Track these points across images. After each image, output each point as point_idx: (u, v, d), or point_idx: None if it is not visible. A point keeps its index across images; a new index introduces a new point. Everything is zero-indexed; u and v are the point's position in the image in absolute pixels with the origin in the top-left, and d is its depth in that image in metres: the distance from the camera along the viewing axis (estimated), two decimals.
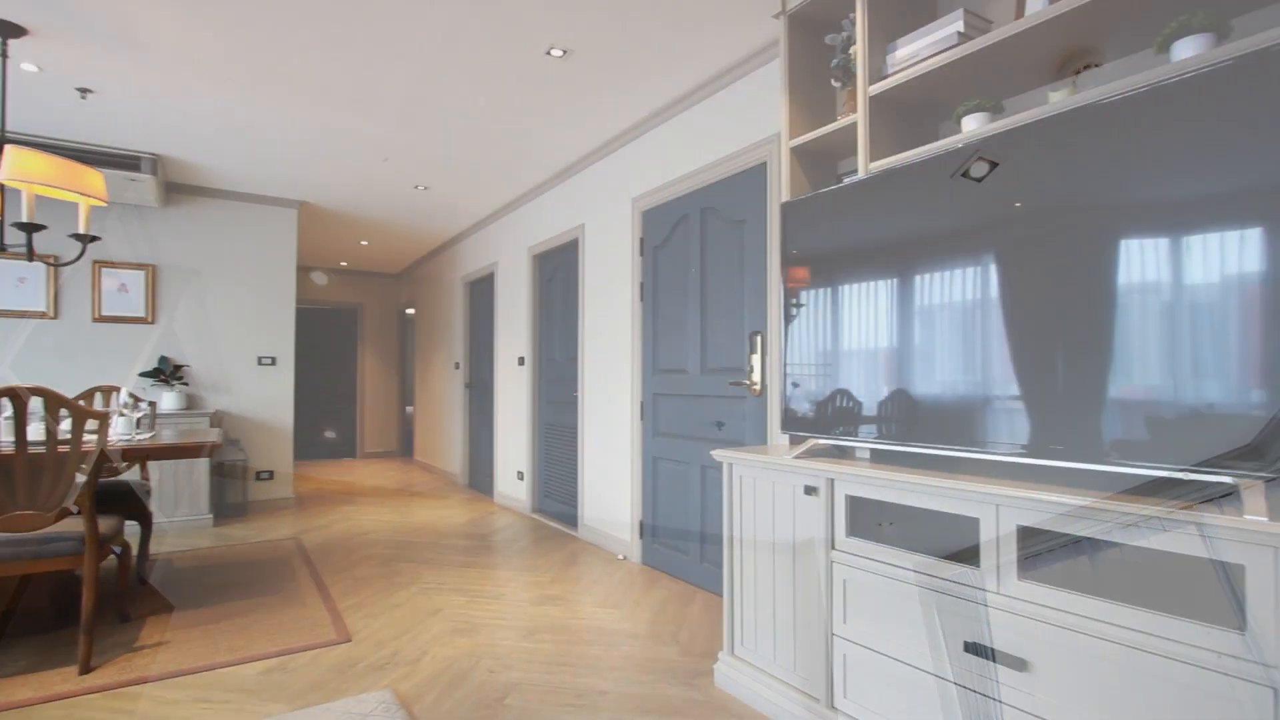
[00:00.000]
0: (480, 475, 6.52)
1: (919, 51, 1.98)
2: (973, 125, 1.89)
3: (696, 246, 3.51)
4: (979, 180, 1.63)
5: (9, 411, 2.72)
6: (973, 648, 1.55)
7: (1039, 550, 1.48)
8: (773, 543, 2.13)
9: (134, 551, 4.26)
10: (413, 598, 3.27)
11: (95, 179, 2.72)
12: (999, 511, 1.51)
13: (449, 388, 7.41)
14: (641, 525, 3.89)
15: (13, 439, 2.29)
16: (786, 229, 2.18)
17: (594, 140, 4.20)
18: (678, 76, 3.31)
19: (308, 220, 6.26)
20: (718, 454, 2.32)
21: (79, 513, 2.44)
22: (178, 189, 5.15)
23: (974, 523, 1.58)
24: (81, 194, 2.64)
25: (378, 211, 5.97)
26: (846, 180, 2.10)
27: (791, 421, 2.15)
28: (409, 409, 9.82)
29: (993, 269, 1.59)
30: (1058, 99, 1.71)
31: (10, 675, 2.38)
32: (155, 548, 4.24)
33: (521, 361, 5.52)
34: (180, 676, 2.39)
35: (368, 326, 9.26)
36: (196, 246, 5.25)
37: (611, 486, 4.22)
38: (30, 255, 2.75)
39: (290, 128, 4.00)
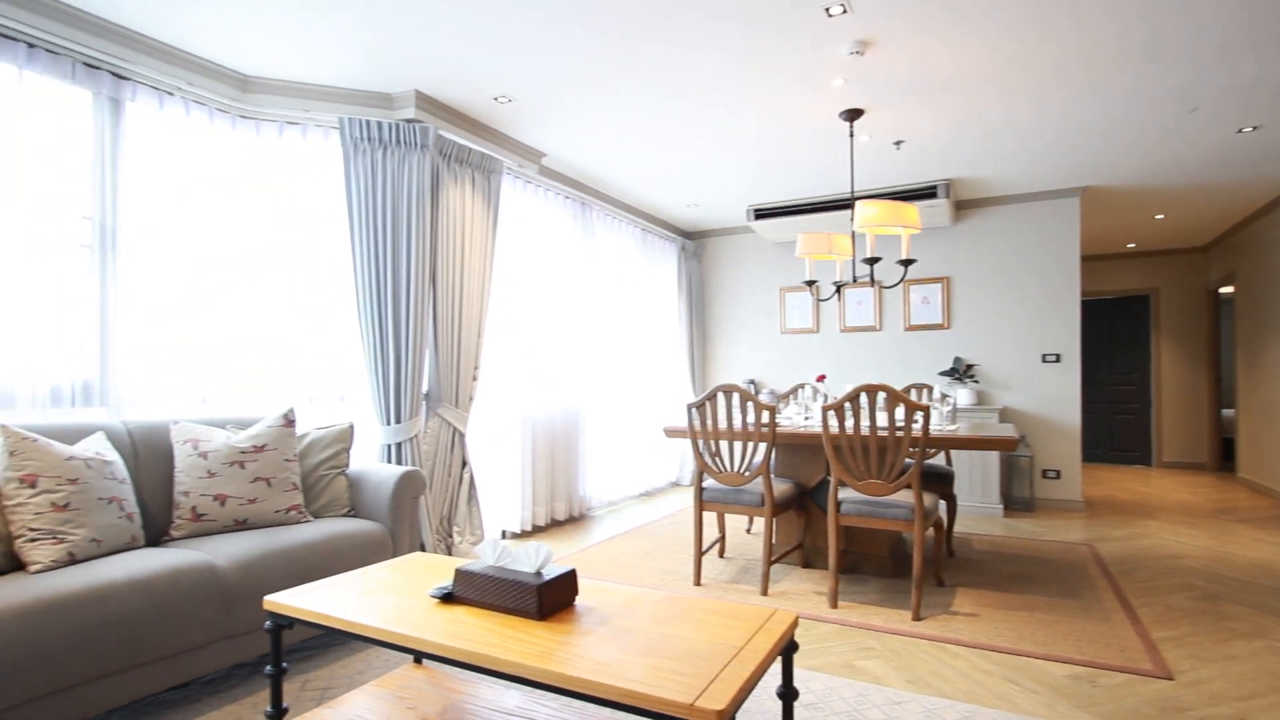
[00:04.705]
0: None
1: None
2: None
3: None
4: None
5: (864, 402, 3.62)
6: None
7: None
8: None
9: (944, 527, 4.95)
10: (1259, 653, 2.59)
11: (911, 212, 3.30)
12: None
13: None
14: None
15: (868, 423, 3.02)
16: None
17: None
18: None
19: (1088, 206, 5.84)
20: None
21: (909, 487, 3.01)
22: (965, 205, 5.69)
23: None
24: (903, 226, 3.26)
25: (1177, 177, 5.02)
26: None
27: None
28: (1225, 412, 7.82)
29: None
30: None
31: (864, 603, 3.15)
32: (956, 527, 4.81)
33: None
34: (990, 651, 2.62)
35: (1164, 313, 7.89)
36: (981, 254, 5.67)
37: None
38: (872, 281, 3.58)
39: (1074, 112, 3.81)
